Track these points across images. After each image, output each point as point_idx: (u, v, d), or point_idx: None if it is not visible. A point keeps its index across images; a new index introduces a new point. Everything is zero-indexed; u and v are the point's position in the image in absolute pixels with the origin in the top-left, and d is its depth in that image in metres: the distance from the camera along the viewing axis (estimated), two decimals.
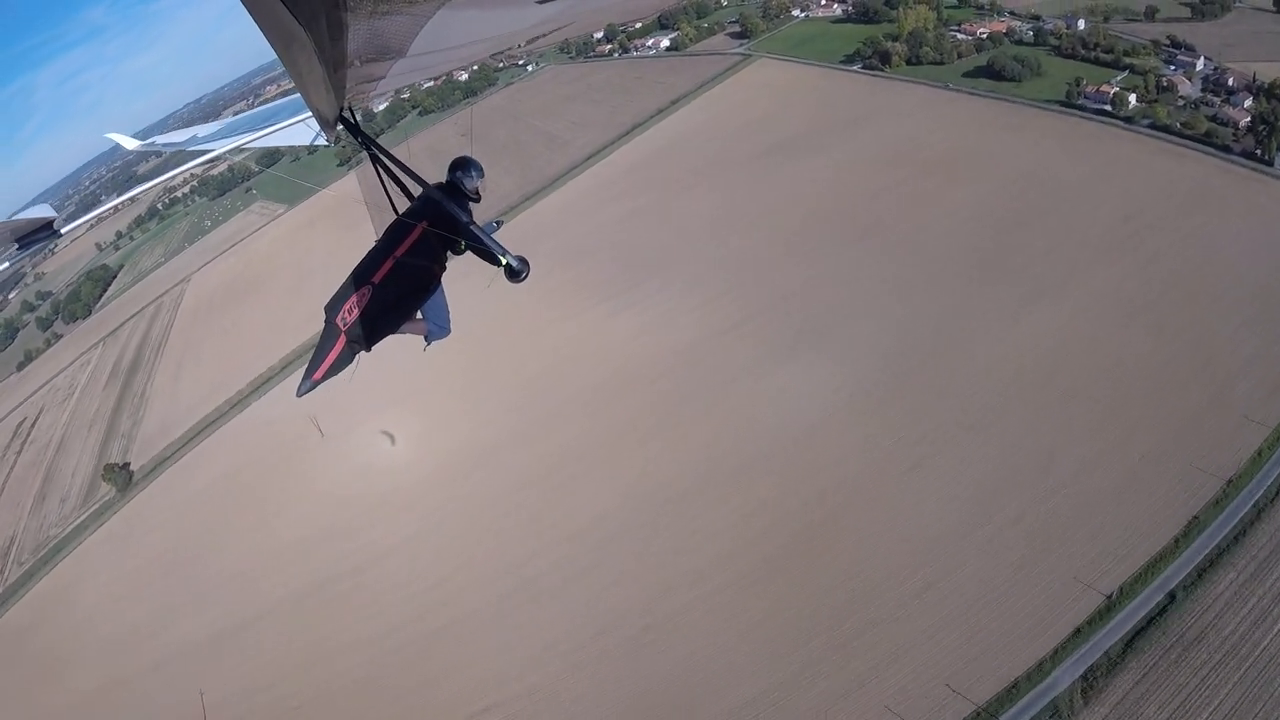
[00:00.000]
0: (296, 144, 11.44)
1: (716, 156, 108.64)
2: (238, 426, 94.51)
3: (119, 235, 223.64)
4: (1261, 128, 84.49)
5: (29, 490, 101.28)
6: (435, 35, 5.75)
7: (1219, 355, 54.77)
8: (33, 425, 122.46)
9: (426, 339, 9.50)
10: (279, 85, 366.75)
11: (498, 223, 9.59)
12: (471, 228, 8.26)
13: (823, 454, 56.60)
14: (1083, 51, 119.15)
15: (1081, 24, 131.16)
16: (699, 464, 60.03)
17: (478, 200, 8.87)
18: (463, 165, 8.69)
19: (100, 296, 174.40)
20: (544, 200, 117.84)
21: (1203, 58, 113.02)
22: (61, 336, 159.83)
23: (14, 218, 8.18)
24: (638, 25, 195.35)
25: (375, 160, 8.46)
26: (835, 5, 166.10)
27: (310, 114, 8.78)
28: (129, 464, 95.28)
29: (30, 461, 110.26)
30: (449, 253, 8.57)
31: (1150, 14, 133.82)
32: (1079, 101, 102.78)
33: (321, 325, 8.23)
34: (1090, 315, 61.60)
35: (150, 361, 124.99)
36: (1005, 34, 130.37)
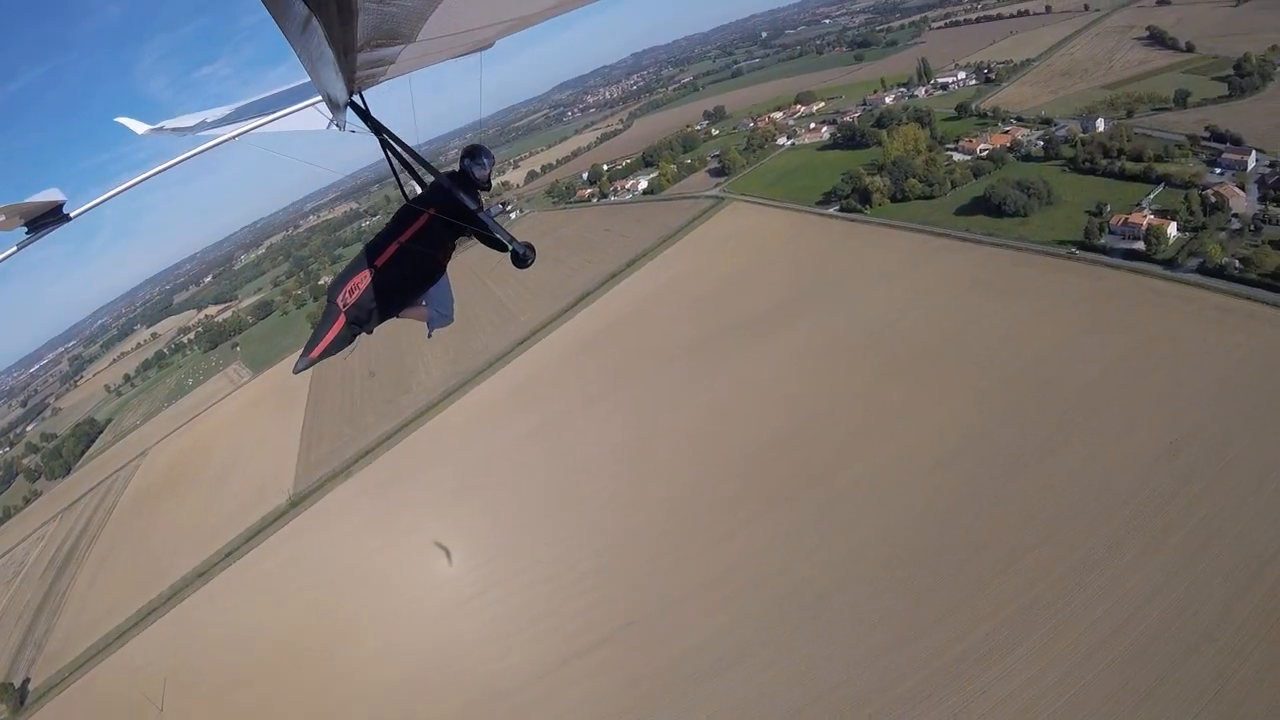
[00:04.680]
0: (307, 130, 10.68)
1: (648, 346, 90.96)
2: (111, 666, 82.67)
3: (126, 379, 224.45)
4: None
5: None
6: (447, 19, 5.39)
7: None
8: None
9: (429, 325, 9.40)
10: (319, 216, 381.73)
11: (503, 204, 13.04)
12: (480, 215, 8.41)
13: None
14: (1104, 162, 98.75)
15: (1101, 124, 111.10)
16: None
17: (488, 189, 8.87)
18: (473, 153, 8.68)
19: (82, 454, 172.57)
20: (460, 401, 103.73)
21: (1253, 152, 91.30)
22: (40, 495, 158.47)
23: (24, 201, 7.59)
24: (621, 164, 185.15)
25: (385, 146, 8.30)
26: (824, 129, 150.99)
27: (320, 99, 8.29)
28: (28, 681, 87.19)
29: None
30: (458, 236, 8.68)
31: (1181, 99, 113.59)
32: (1102, 241, 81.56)
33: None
34: (1103, 658, 39.14)
35: (81, 554, 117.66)
36: (1009, 148, 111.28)
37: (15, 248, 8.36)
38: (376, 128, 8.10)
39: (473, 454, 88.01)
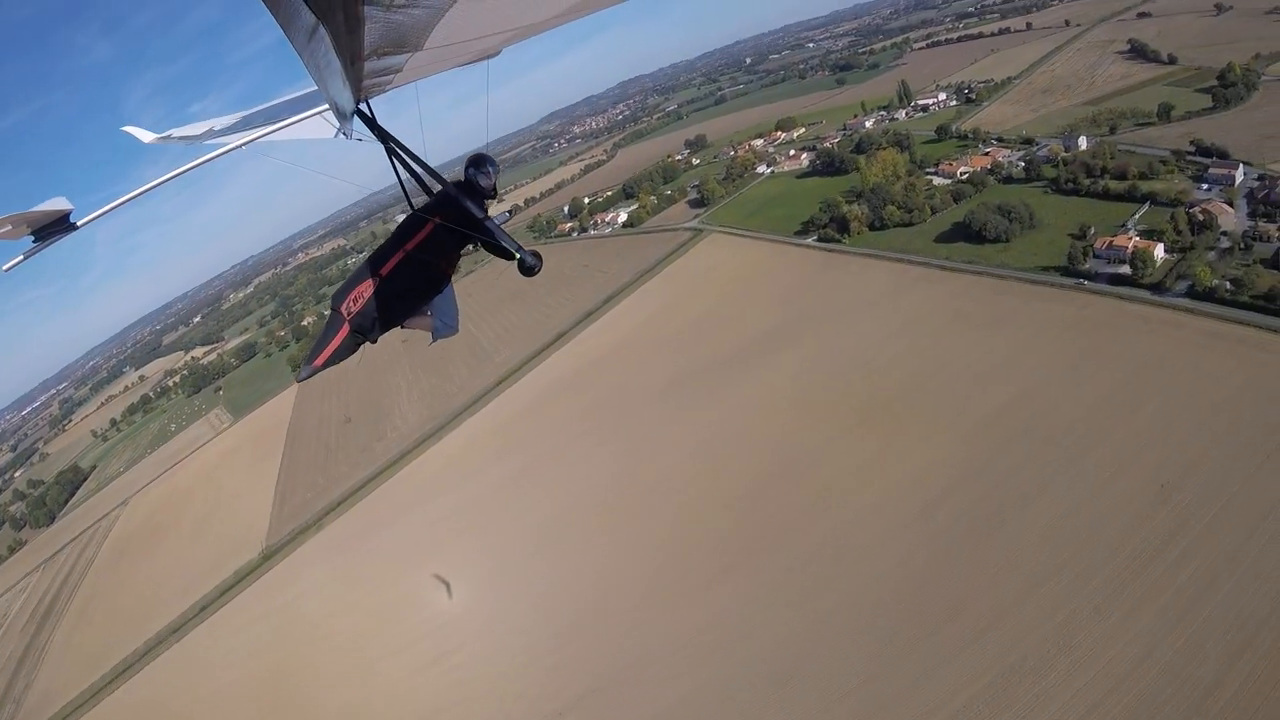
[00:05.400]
0: (314, 138, 10.75)
1: (624, 386, 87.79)
2: None
3: (113, 423, 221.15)
4: None
5: None
6: (454, 27, 5.31)
7: None
8: None
9: (433, 335, 9.26)
10: (307, 253, 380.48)
11: (510, 212, 7.12)
12: (485, 223, 8.30)
13: None
14: (1087, 182, 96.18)
15: (1083, 142, 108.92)
16: None
17: (494, 197, 8.88)
18: (477, 162, 8.66)
19: (66, 502, 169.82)
20: (435, 447, 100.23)
21: (1241, 165, 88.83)
22: (25, 544, 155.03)
23: (31, 210, 7.65)
24: (602, 197, 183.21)
25: (391, 154, 8.26)
26: (803, 156, 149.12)
27: (327, 107, 8.55)
28: None
29: None
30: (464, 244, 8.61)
31: (1165, 113, 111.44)
32: (1086, 266, 78.72)
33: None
34: None
35: (61, 608, 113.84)
36: (990, 170, 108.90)
37: (22, 256, 8.33)
38: (383, 136, 8.01)
39: (445, 504, 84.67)
